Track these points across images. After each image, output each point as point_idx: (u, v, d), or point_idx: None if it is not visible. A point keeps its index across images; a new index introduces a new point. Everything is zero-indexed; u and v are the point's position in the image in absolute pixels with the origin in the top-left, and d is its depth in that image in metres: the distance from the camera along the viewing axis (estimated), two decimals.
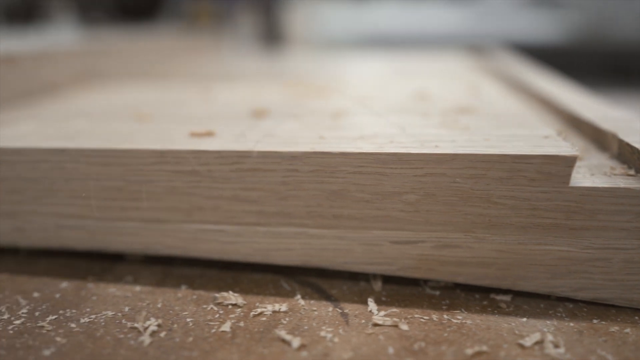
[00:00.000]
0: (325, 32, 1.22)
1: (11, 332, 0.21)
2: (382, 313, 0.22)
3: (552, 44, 1.55)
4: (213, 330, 0.21)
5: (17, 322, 0.22)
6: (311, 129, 0.27)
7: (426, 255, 0.23)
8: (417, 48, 0.85)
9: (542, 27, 1.63)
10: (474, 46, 0.80)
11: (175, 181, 0.24)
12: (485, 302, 0.23)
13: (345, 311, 0.22)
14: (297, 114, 0.31)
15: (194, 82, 0.47)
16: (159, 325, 0.21)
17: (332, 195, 0.23)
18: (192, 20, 0.92)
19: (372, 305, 0.23)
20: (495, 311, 0.22)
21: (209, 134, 0.26)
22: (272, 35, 0.94)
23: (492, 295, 0.24)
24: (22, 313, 0.22)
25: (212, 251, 0.25)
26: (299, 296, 0.24)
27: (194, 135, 0.26)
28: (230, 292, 0.24)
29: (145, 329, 0.21)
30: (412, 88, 0.41)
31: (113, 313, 0.22)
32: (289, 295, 0.24)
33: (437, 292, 0.24)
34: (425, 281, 0.25)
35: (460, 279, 0.24)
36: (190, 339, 0.20)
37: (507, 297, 0.23)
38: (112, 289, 0.24)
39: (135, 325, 0.21)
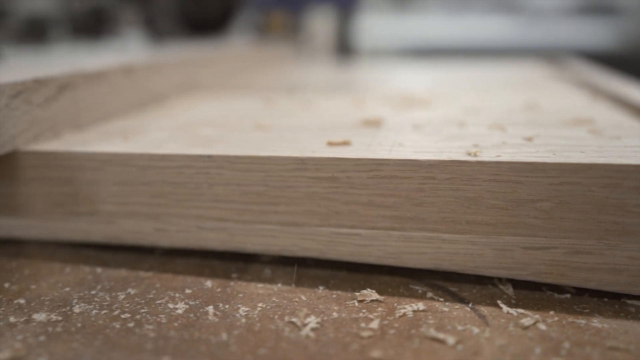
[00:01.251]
0: (383, 42, 1.23)
1: (177, 324, 0.23)
2: (519, 315, 0.23)
3: (606, 51, 1.53)
4: (362, 325, 0.22)
5: (179, 312, 0.23)
6: (435, 137, 0.28)
7: (558, 261, 0.24)
8: (480, 58, 0.86)
9: (596, 34, 1.61)
10: (542, 55, 0.80)
11: (313, 187, 0.26)
12: (616, 307, 0.24)
13: (481, 312, 0.23)
14: (415, 124, 0.32)
15: (284, 93, 0.49)
16: (318, 323, 0.23)
17: (467, 202, 0.24)
18: (264, 32, 0.94)
19: (505, 307, 0.24)
20: (629, 316, 0.23)
21: (346, 143, 0.27)
22: (344, 45, 0.95)
23: (623, 299, 0.24)
24: (182, 307, 0.24)
25: (346, 253, 0.26)
26: (432, 297, 0.25)
27: (331, 144, 0.27)
28: (369, 290, 0.25)
29: (304, 324, 0.22)
30: (517, 98, 0.42)
31: (265, 309, 0.24)
32: (421, 296, 0.25)
33: (567, 296, 0.25)
34: (551, 286, 0.26)
35: (591, 285, 0.24)
36: (343, 334, 0.22)
37: (639, 302, 0.24)
38: (255, 287, 0.26)
39: (293, 320, 0.23)
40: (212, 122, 0.35)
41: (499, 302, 0.24)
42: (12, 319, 0.23)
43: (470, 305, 0.24)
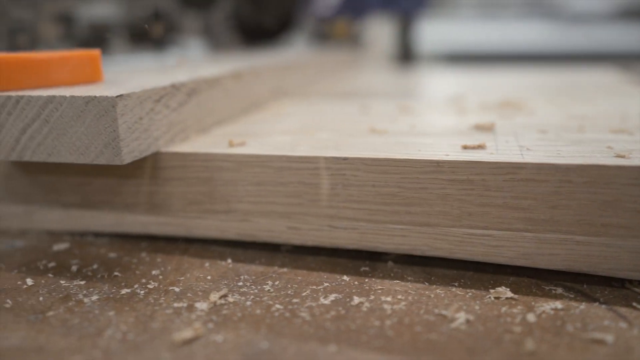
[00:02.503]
0: (443, 48, 1.24)
1: (329, 316, 0.24)
2: None
3: None
4: (508, 320, 0.23)
5: (327, 303, 0.25)
6: (559, 142, 0.29)
7: None
8: (534, 63, 0.86)
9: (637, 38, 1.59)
10: (607, 59, 0.80)
11: (448, 189, 0.27)
12: None
13: (620, 313, 0.24)
14: (540, 130, 0.33)
15: (377, 98, 0.50)
16: (465, 317, 0.24)
17: (604, 205, 0.25)
18: (325, 39, 0.96)
19: None
20: None
21: (481, 146, 0.29)
22: (405, 51, 0.97)
23: None
24: (328, 299, 0.25)
25: (477, 253, 0.28)
26: (567, 297, 0.26)
27: (466, 147, 0.29)
28: (503, 288, 0.26)
29: (454, 318, 0.24)
30: (614, 103, 0.42)
31: (409, 303, 0.25)
32: (556, 296, 0.26)
33: None
34: None
35: None
36: (493, 329, 0.23)
37: None
38: (390, 283, 0.27)
39: (443, 312, 0.24)
40: (324, 126, 0.37)
41: (633, 303, 0.25)
42: (175, 305, 0.25)
43: (605, 305, 0.25)
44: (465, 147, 0.29)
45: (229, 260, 0.30)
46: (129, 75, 0.37)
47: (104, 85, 0.31)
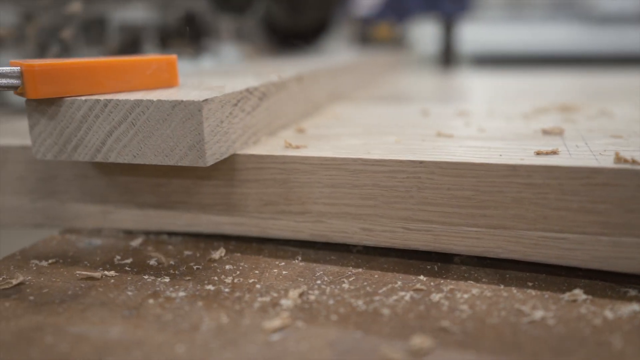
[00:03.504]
0: (485, 50, 1.24)
1: (412, 315, 0.25)
2: None
3: None
4: (589, 321, 0.24)
5: (407, 301, 0.25)
6: (629, 147, 0.30)
7: None
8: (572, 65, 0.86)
9: None
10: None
11: (524, 192, 0.28)
12: None
13: None
14: (612, 135, 0.34)
15: (435, 102, 0.51)
16: (545, 317, 0.24)
17: None
18: (366, 42, 0.96)
19: None
20: None
21: (554, 152, 0.29)
22: (448, 54, 0.97)
23: None
24: (407, 297, 0.26)
25: (551, 256, 0.28)
26: None
27: (539, 153, 0.29)
28: (578, 290, 0.27)
29: (534, 318, 0.24)
30: None
31: (489, 302, 0.26)
32: (632, 298, 0.26)
33: None
34: None
35: None
36: (576, 328, 0.23)
37: None
38: (465, 284, 0.28)
39: (523, 312, 0.25)
40: (388, 130, 0.37)
41: None
42: (260, 301, 0.26)
43: None
44: (538, 154, 0.29)
45: (303, 260, 0.31)
46: (198, 79, 0.38)
47: (182, 89, 0.32)
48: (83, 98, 0.30)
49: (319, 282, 0.28)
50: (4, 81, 0.29)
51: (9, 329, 0.23)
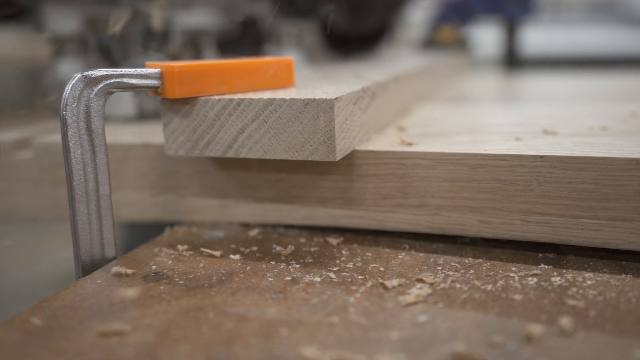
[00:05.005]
0: (548, 52, 1.24)
1: (546, 301, 0.26)
2: None
3: None
4: None
5: (535, 288, 0.27)
6: None
7: None
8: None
9: None
10: None
11: None
12: None
13: None
14: None
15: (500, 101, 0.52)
16: None
17: None
18: (428, 46, 0.97)
19: None
20: None
21: None
22: (510, 56, 0.98)
23: None
24: (537, 285, 0.27)
25: None
26: None
27: None
28: None
29: None
30: None
31: (618, 291, 0.27)
32: None
33: None
34: None
35: None
36: None
37: None
38: (588, 275, 0.29)
39: None
40: (490, 128, 0.38)
41: None
42: (395, 288, 0.27)
43: None
44: None
45: (421, 251, 0.32)
46: (307, 80, 0.40)
47: (302, 88, 0.34)
48: (216, 97, 0.32)
49: (445, 270, 0.30)
50: (145, 82, 0.31)
51: (172, 309, 0.25)
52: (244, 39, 0.67)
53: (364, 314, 0.25)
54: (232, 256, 0.32)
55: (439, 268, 0.30)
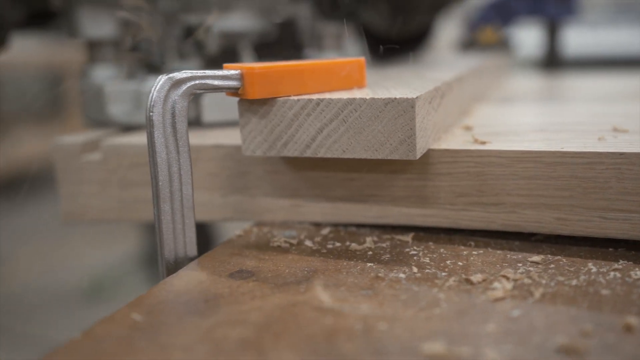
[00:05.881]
0: (588, 53, 1.23)
1: (634, 295, 0.26)
2: None
3: None
4: None
5: (620, 282, 0.27)
6: None
7: None
8: None
9: None
10: None
11: None
12: None
13: None
14: None
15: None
16: None
17: None
18: (468, 47, 0.97)
19: None
20: None
21: None
22: (552, 56, 0.97)
23: None
24: (621, 280, 0.27)
25: None
26: None
27: None
28: None
29: None
30: None
31: None
32: None
33: None
34: None
35: None
36: None
37: None
38: None
39: None
40: (557, 126, 0.39)
41: None
42: (478, 283, 0.28)
43: None
44: None
45: (497, 249, 0.32)
46: (371, 81, 0.40)
47: (377, 88, 0.35)
48: (295, 98, 0.32)
49: (525, 266, 0.30)
50: (226, 83, 0.32)
51: (267, 305, 0.26)
52: (282, 41, 0.66)
53: (457, 308, 0.25)
54: (311, 254, 0.32)
55: (519, 265, 0.30)
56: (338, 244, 0.34)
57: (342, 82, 0.35)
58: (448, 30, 1.02)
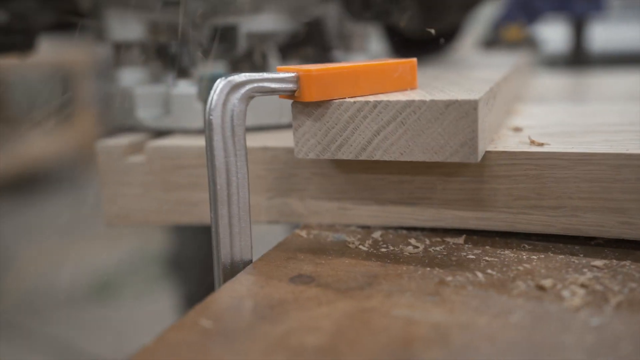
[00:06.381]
0: (617, 49, 1.22)
1: None
2: None
3: None
4: None
5: None
6: None
7: None
8: None
9: None
10: None
11: None
12: None
13: None
14: None
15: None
16: None
17: None
18: (491, 45, 0.96)
19: None
20: None
21: None
22: (580, 54, 0.96)
23: None
24: None
25: None
26: None
27: None
28: None
29: None
30: None
31: None
32: None
33: None
34: None
35: None
36: None
37: None
38: None
39: None
40: (614, 128, 0.38)
41: None
42: (545, 285, 0.27)
43: None
44: None
45: (558, 253, 0.32)
46: (422, 81, 0.40)
47: (428, 90, 0.34)
48: (351, 100, 0.32)
49: (592, 271, 0.29)
50: (283, 86, 0.31)
51: (335, 312, 0.26)
52: (308, 42, 0.65)
53: (532, 316, 0.25)
54: (366, 258, 0.32)
55: (585, 270, 0.29)
56: (392, 248, 0.33)
57: (394, 83, 0.35)
58: (471, 28, 1.01)
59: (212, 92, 0.30)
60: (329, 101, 0.32)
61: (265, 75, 0.31)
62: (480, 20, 1.00)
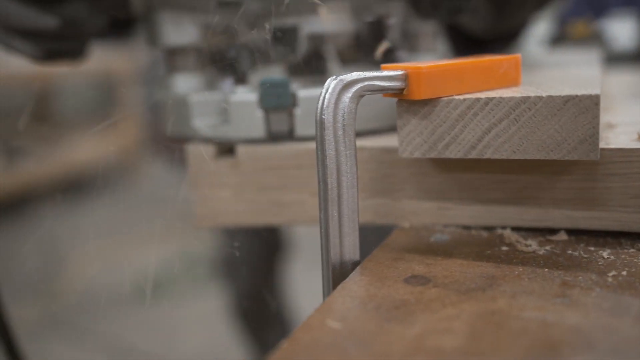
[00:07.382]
0: None
1: None
2: None
3: None
4: None
5: None
6: None
7: None
8: None
9: None
10: None
11: None
12: None
13: None
14: None
15: None
16: None
17: None
18: (558, 42, 0.94)
19: None
20: None
21: None
22: None
23: None
24: None
25: None
26: None
27: None
28: None
29: None
30: None
31: None
32: None
33: None
34: None
35: None
36: None
37: None
38: None
39: None
40: None
41: None
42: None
43: None
44: None
45: None
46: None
47: (534, 86, 0.33)
48: (460, 97, 0.31)
49: None
50: (391, 84, 0.31)
51: (463, 314, 0.25)
52: (371, 43, 0.63)
53: None
54: (477, 259, 0.31)
55: None
56: (505, 248, 0.33)
57: (499, 80, 0.34)
58: (535, 25, 0.98)
59: (323, 91, 0.29)
60: (436, 99, 0.32)
61: (375, 73, 0.30)
62: (544, 17, 0.98)
